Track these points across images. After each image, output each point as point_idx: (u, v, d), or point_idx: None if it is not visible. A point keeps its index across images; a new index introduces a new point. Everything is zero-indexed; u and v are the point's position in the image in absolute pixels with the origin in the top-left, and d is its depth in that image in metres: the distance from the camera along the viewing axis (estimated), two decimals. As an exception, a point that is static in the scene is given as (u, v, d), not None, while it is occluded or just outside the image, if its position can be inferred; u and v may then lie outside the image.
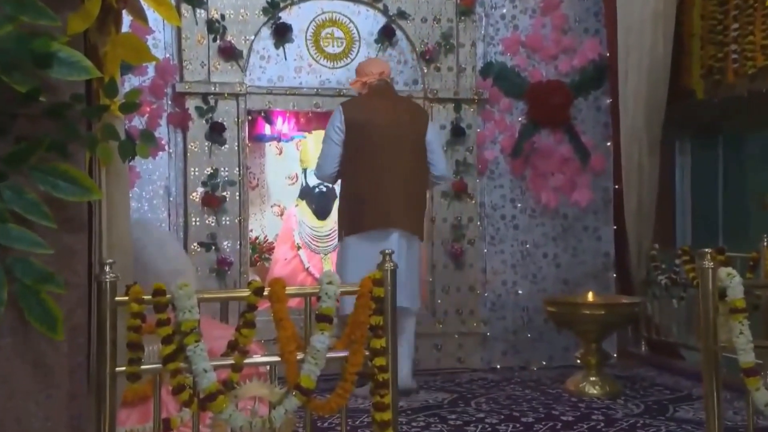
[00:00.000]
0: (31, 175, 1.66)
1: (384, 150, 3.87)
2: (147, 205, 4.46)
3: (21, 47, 1.60)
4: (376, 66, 4.11)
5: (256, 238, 5.66)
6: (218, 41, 4.48)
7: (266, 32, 4.61)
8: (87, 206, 1.86)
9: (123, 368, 1.87)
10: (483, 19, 4.90)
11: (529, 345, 4.88)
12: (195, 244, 4.42)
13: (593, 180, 4.99)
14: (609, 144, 5.00)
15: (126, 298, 1.87)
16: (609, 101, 5.00)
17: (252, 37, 4.56)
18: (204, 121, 4.46)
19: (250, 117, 4.70)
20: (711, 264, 2.26)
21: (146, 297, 1.88)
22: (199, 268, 4.41)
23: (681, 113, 4.87)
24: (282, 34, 4.60)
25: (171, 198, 4.49)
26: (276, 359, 2.02)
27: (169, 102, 4.50)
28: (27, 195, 1.65)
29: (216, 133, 4.45)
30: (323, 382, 2.07)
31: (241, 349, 1.97)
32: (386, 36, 4.73)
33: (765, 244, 3.93)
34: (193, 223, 4.43)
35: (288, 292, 2.00)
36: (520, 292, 4.91)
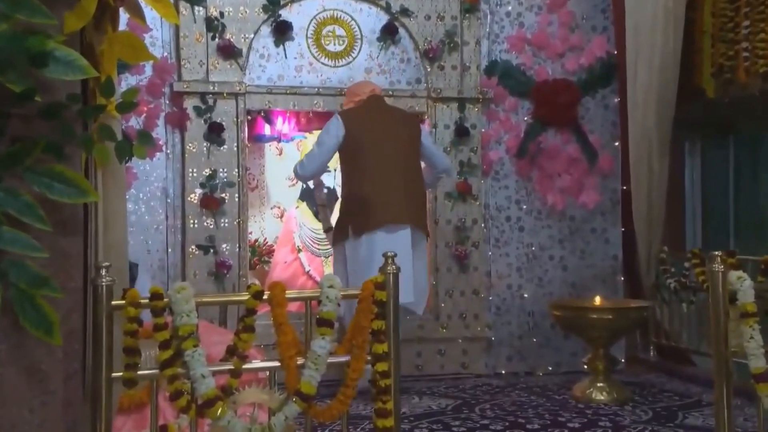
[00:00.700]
0: (26, 177, 1.67)
1: (384, 154, 4.01)
2: (144, 207, 4.46)
3: (16, 46, 1.60)
4: (366, 87, 4.28)
5: (256, 241, 5.66)
6: (217, 39, 4.49)
7: (266, 30, 4.61)
8: (83, 208, 1.87)
9: (119, 374, 1.88)
10: (488, 17, 4.91)
11: (535, 350, 4.88)
12: (193, 247, 4.42)
13: (601, 181, 4.98)
14: (617, 144, 5.00)
15: (122, 302, 1.88)
16: (617, 100, 5.00)
17: (251, 36, 4.56)
18: (202, 121, 4.46)
19: (250, 117, 4.70)
20: (722, 267, 2.26)
21: (143, 301, 1.89)
22: (198, 272, 4.42)
23: (691, 113, 4.86)
24: (282, 32, 4.61)
25: (168, 200, 4.50)
26: (276, 364, 2.02)
27: (167, 102, 4.51)
28: (22, 197, 1.65)
29: (215, 134, 4.46)
30: (324, 388, 2.07)
31: (240, 354, 1.97)
32: (389, 34, 4.74)
33: (777, 247, 3.93)
34: (191, 226, 4.44)
35: (288, 296, 2.01)
36: (526, 296, 4.91)
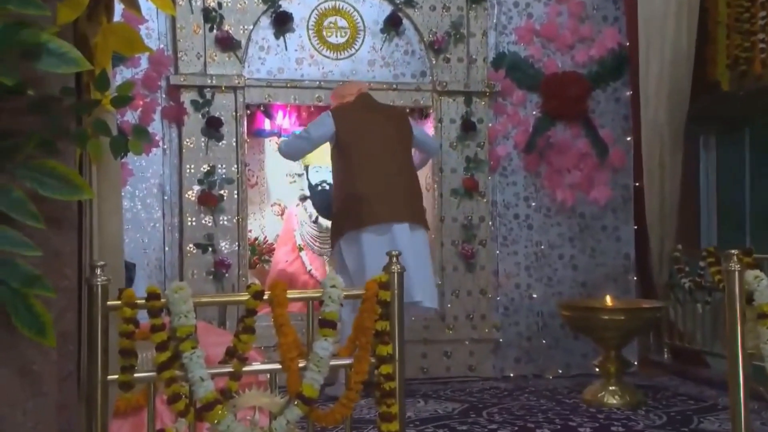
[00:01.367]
0: (18, 173, 1.67)
1: (375, 152, 4.11)
2: (140, 204, 4.47)
3: (7, 38, 1.60)
4: (353, 87, 4.37)
5: (256, 239, 5.66)
6: (215, 31, 4.49)
7: (266, 21, 4.61)
8: (77, 205, 1.87)
9: (115, 376, 1.88)
10: (495, 7, 4.90)
11: (545, 352, 4.88)
12: (191, 246, 4.43)
13: (612, 177, 4.98)
14: (629, 138, 5.00)
15: (118, 303, 1.87)
16: (629, 93, 4.99)
17: (251, 27, 4.56)
18: (200, 116, 4.46)
19: (249, 111, 4.70)
20: (738, 266, 2.25)
21: (139, 301, 1.88)
22: (196, 271, 4.42)
23: (705, 106, 4.85)
24: (282, 24, 4.60)
25: (165, 197, 4.50)
26: (277, 367, 2.02)
27: (164, 95, 4.51)
28: (13, 193, 1.65)
29: (213, 128, 4.46)
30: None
31: (240, 356, 1.97)
32: (392, 25, 4.73)
33: (795, 245, 3.91)
34: (189, 223, 4.44)
35: (289, 296, 2.00)
36: (535, 296, 4.91)
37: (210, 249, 4.44)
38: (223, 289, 4.41)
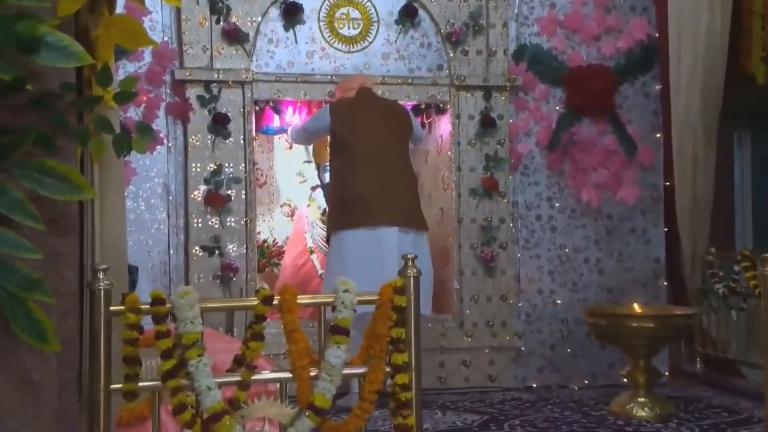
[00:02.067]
0: (16, 172, 1.67)
1: (371, 150, 4.19)
2: (144, 205, 4.49)
3: (5, 31, 1.61)
4: (356, 80, 4.44)
5: (264, 242, 5.68)
6: (222, 23, 4.51)
7: (275, 13, 4.62)
8: (78, 206, 1.87)
9: (118, 385, 1.88)
10: (516, -3, 4.89)
11: (569, 361, 4.86)
12: (197, 248, 4.44)
13: (641, 175, 4.95)
14: (659, 135, 4.97)
15: (121, 308, 1.88)
16: (659, 87, 4.96)
17: (259, 19, 4.57)
18: (206, 112, 4.48)
19: (257, 107, 4.72)
20: (776, 270, 2.22)
21: (144, 306, 1.89)
22: (202, 275, 4.44)
23: (740, 100, 4.82)
24: (292, 15, 4.61)
25: (170, 197, 4.52)
26: (287, 375, 2.02)
27: (168, 91, 4.53)
28: (11, 193, 1.66)
29: (220, 125, 4.47)
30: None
31: (249, 365, 1.97)
32: (407, 16, 4.73)
33: (837, 248, 3.87)
34: (195, 225, 4.46)
35: (300, 301, 2.00)
36: (559, 302, 4.89)
37: (217, 252, 4.46)
38: (231, 294, 4.42)
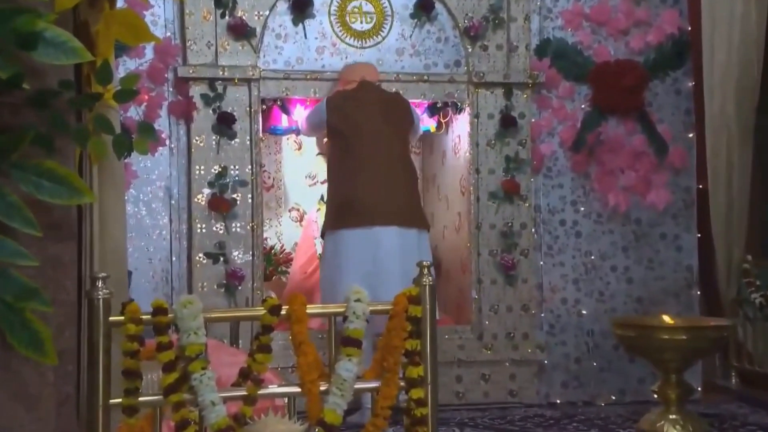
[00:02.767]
0: (12, 175, 1.69)
1: (367, 144, 4.23)
2: (145, 210, 4.51)
3: (1, 26, 1.62)
4: (357, 72, 4.48)
5: (272, 248, 5.69)
6: (227, 17, 4.52)
7: (283, 6, 4.64)
8: (76, 211, 1.89)
9: (118, 400, 1.89)
10: (539, -12, 4.89)
11: (596, 376, 4.83)
12: (200, 255, 4.46)
13: (672, 178, 4.93)
14: (691, 135, 4.95)
15: (122, 318, 1.89)
16: (691, 84, 4.94)
17: (266, 13, 4.59)
18: (211, 111, 4.50)
19: (265, 106, 4.73)
20: (817, 279, 2.21)
21: (145, 317, 1.90)
22: (206, 283, 4.45)
23: (778, 98, 4.79)
24: (302, 9, 4.63)
25: (173, 201, 4.54)
26: (295, 390, 2.02)
27: (171, 89, 4.55)
28: (7, 197, 1.67)
29: (225, 125, 4.49)
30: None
31: (255, 378, 1.97)
32: (423, 10, 4.73)
33: None
34: (199, 230, 4.47)
35: (309, 312, 2.01)
36: (584, 313, 4.87)
37: (221, 259, 4.47)
38: (236, 304, 4.42)
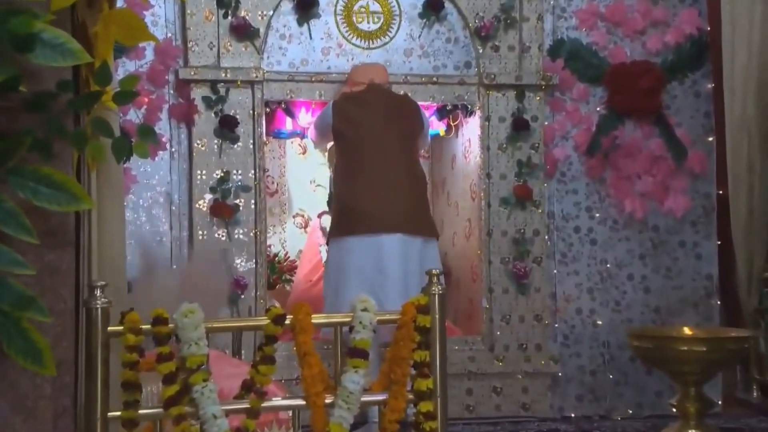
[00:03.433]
0: (9, 180, 1.69)
1: (373, 148, 4.23)
2: (145, 216, 4.52)
3: (-2, 27, 1.63)
4: (366, 73, 4.48)
5: (276, 255, 5.70)
6: (230, 17, 4.54)
7: (287, 6, 4.65)
8: (74, 217, 1.89)
9: (117, 413, 1.89)
10: (552, -13, 4.89)
11: (612, 389, 4.82)
12: (202, 263, 4.46)
13: (691, 183, 4.92)
14: (711, 139, 4.94)
15: (120, 328, 1.89)
16: (711, 86, 4.93)
17: (270, 13, 4.60)
18: (213, 114, 4.51)
19: (268, 109, 4.74)
20: (842, 288, 2.20)
21: (144, 326, 1.90)
22: (207, 292, 4.45)
23: (801, 100, 4.77)
24: (306, 9, 4.64)
25: (173, 207, 4.55)
26: (300, 403, 2.02)
27: (172, 91, 4.56)
28: (3, 204, 1.68)
29: (227, 129, 4.50)
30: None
31: (258, 390, 1.97)
32: (433, 9, 4.74)
33: None
34: (200, 237, 4.48)
35: (314, 321, 2.01)
36: (600, 323, 4.85)
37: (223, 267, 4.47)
38: (239, 313, 4.43)
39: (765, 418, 4.63)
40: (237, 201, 4.51)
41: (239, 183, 4.52)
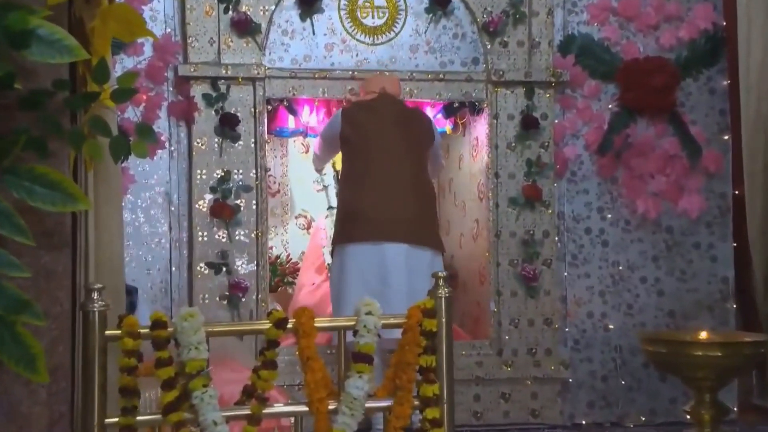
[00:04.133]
0: (3, 180, 1.70)
1: (381, 157, 4.23)
2: (143, 217, 4.53)
3: (-8, 23, 1.64)
4: (378, 83, 4.50)
5: (277, 258, 5.70)
6: (231, 12, 4.54)
7: (290, 1, 4.65)
8: (71, 218, 1.90)
9: (114, 419, 1.90)
10: (562, -19, 4.89)
11: (624, 395, 4.82)
12: (202, 265, 4.47)
13: (706, 183, 4.91)
14: (726, 137, 4.93)
15: (118, 332, 1.90)
16: (726, 83, 4.93)
17: (272, 7, 4.61)
18: (213, 112, 4.51)
19: (270, 106, 4.74)
20: None
21: (143, 330, 1.91)
22: (207, 295, 4.46)
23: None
24: (309, 4, 4.64)
25: (172, 207, 4.56)
26: (303, 409, 2.02)
27: (171, 88, 4.57)
28: (-1, 204, 1.68)
29: (228, 127, 4.50)
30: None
31: (260, 396, 1.98)
32: (439, 4, 4.74)
33: None
34: (200, 239, 4.48)
35: (317, 325, 2.01)
36: (612, 327, 4.85)
37: (224, 269, 4.48)
38: (240, 317, 4.43)
39: (782, 426, 4.63)
40: (238, 201, 4.51)
41: (240, 183, 4.52)
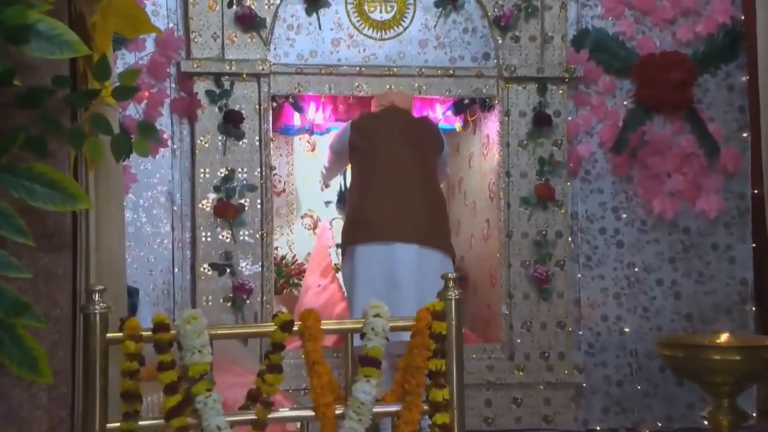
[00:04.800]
0: (2, 179, 1.70)
1: (391, 161, 4.30)
2: (145, 217, 4.53)
3: (-9, 18, 1.64)
4: (387, 97, 4.58)
5: (283, 258, 5.70)
6: (235, 7, 4.55)
7: (295, -5, 4.67)
8: (71, 218, 1.90)
9: (116, 424, 1.90)
10: (576, -26, 4.89)
11: (640, 400, 4.81)
12: (205, 266, 4.47)
13: (725, 183, 4.90)
14: (746, 135, 4.92)
15: (120, 335, 1.90)
16: (745, 78, 4.91)
17: (277, 2, 4.61)
18: (217, 109, 4.52)
19: (275, 103, 4.75)
20: None
21: (145, 333, 1.91)
22: (211, 297, 4.47)
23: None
24: (315, -3, 4.65)
25: (175, 207, 4.57)
26: (308, 414, 2.03)
27: (173, 85, 4.58)
28: (-3, 204, 1.69)
29: (232, 125, 4.51)
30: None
31: (265, 401, 1.98)
32: (449, -3, 4.75)
33: None
34: (203, 239, 4.49)
35: (324, 328, 2.01)
36: (627, 331, 4.84)
37: (228, 270, 4.48)
38: (244, 319, 4.44)
39: (803, 432, 4.61)
40: (242, 201, 4.52)
41: (244, 182, 4.53)
